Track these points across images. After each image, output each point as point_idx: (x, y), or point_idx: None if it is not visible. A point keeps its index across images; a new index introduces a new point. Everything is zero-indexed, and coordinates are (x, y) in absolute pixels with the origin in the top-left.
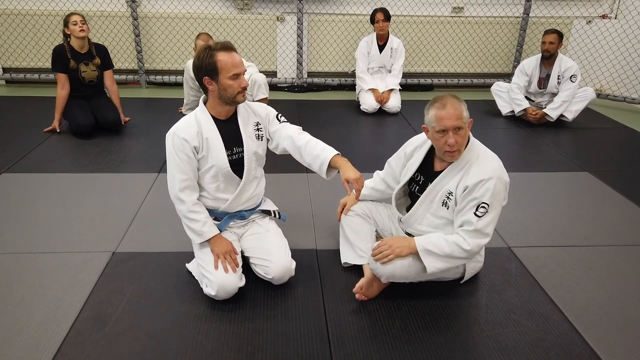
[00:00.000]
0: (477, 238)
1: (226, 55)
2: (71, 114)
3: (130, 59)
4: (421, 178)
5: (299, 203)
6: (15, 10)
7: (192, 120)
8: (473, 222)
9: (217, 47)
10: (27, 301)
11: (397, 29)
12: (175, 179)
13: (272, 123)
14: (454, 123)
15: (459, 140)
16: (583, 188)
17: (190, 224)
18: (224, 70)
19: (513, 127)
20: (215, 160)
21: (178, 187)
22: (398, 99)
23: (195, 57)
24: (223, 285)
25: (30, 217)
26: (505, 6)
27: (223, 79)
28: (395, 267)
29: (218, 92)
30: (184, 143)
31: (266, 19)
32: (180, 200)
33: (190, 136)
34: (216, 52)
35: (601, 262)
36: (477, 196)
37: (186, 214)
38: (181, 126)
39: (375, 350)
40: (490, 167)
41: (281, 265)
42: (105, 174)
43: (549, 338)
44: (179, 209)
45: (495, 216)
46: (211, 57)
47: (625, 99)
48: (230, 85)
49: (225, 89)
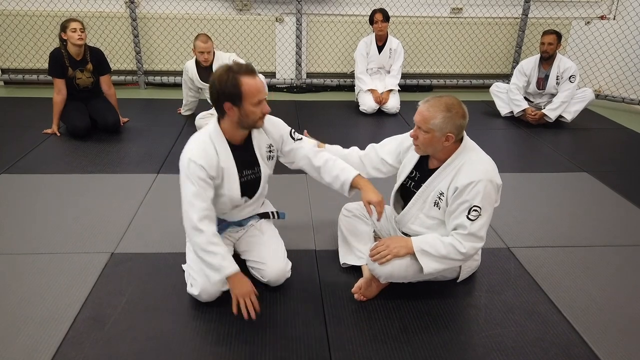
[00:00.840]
0: (471, 242)
1: (251, 80)
2: (67, 116)
3: (129, 60)
4: (417, 175)
5: (298, 204)
6: (14, 11)
7: (209, 146)
8: (467, 226)
9: (241, 70)
10: (25, 302)
11: (396, 29)
12: (194, 207)
13: (286, 142)
14: (418, 121)
15: (420, 137)
16: (582, 188)
17: (207, 258)
18: (249, 96)
19: (512, 128)
20: (229, 191)
21: (197, 217)
22: (397, 100)
23: (215, 80)
24: (206, 289)
25: (29, 218)
26: (504, 7)
27: (246, 105)
28: (393, 267)
29: (238, 117)
30: (202, 170)
31: (265, 20)
32: (199, 231)
33: (208, 165)
34: (240, 77)
35: (600, 263)
36: (467, 199)
37: (204, 246)
38: (197, 153)
39: (374, 351)
40: (481, 169)
41: (276, 268)
42: (104, 175)
43: (548, 338)
44: (196, 241)
45: (487, 219)
46: (235, 82)
47: (624, 99)
48: (253, 111)
49: (248, 115)
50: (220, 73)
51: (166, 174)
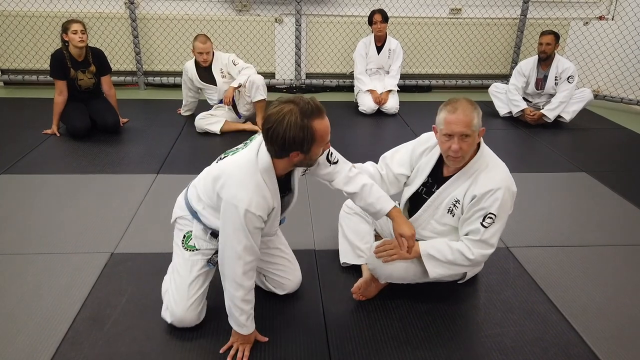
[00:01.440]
0: (481, 248)
1: (322, 124)
2: (67, 117)
3: (129, 61)
4: (429, 180)
5: (297, 203)
6: (14, 12)
7: (265, 189)
8: (479, 232)
9: (313, 114)
10: (25, 302)
11: (395, 30)
12: (241, 260)
13: (322, 166)
14: (461, 129)
15: (463, 147)
16: (580, 188)
17: (236, 313)
18: (320, 141)
19: (511, 128)
20: (269, 229)
21: (242, 270)
22: (396, 100)
23: (283, 125)
24: (182, 319)
25: (29, 218)
26: (502, 8)
27: (315, 149)
28: (393, 268)
29: (301, 161)
30: (260, 221)
31: (264, 21)
32: (240, 286)
33: (266, 213)
34: (313, 122)
35: (599, 262)
36: (485, 206)
37: (238, 302)
38: (255, 200)
39: (373, 350)
40: (499, 176)
41: (298, 280)
42: (104, 175)
43: (547, 338)
44: (232, 293)
45: (500, 227)
46: (310, 129)
47: (623, 99)
48: (317, 154)
49: (312, 158)
50: (292, 119)
51: (166, 174)
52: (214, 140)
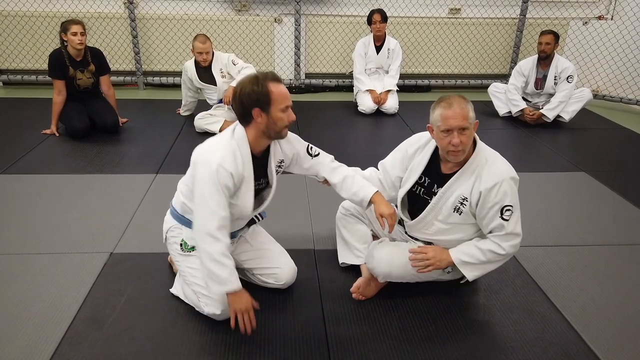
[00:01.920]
0: (510, 241)
1: (278, 87)
2: (66, 117)
3: (128, 61)
4: (426, 180)
5: (296, 203)
6: (13, 12)
7: (237, 152)
8: (503, 227)
9: (267, 77)
10: (24, 302)
11: (394, 30)
12: (215, 215)
13: (303, 159)
14: (459, 123)
15: (463, 140)
16: (580, 188)
17: (216, 269)
18: (277, 101)
19: (510, 128)
20: (243, 203)
21: (216, 225)
22: (395, 100)
23: (242, 86)
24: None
25: (28, 218)
26: (502, 7)
27: (275, 111)
28: (392, 267)
29: (265, 125)
30: (230, 178)
31: (264, 20)
32: (215, 239)
33: (236, 172)
34: (268, 83)
35: (598, 262)
36: (497, 201)
37: (217, 256)
38: (227, 158)
39: (373, 350)
40: (501, 168)
41: (290, 269)
42: (103, 175)
43: (547, 337)
44: (208, 249)
45: (519, 214)
46: (263, 88)
47: (622, 99)
48: (280, 118)
49: (275, 122)
50: (247, 80)
51: (165, 174)
52: None
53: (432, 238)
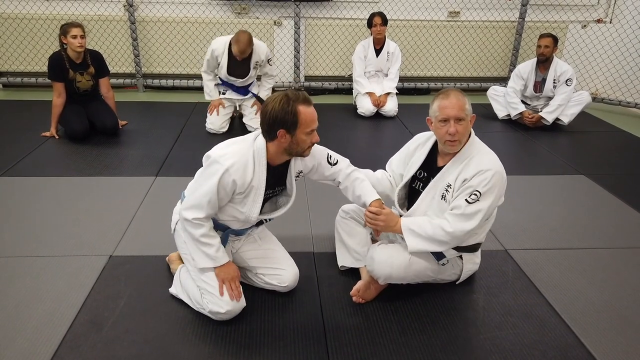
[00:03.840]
0: (461, 222)
1: (307, 109)
2: (66, 119)
3: (128, 63)
4: (424, 174)
5: (296, 206)
6: (13, 14)
7: (250, 162)
8: (461, 207)
9: (299, 99)
10: (23, 305)
11: (394, 33)
12: (203, 209)
13: (324, 169)
14: (456, 113)
15: (459, 129)
16: (579, 191)
17: (203, 248)
18: (304, 125)
19: (509, 131)
20: (249, 211)
21: (201, 215)
22: (395, 103)
23: (272, 106)
24: (233, 306)
25: (27, 220)
26: (501, 11)
27: (300, 134)
28: (393, 268)
29: (289, 145)
30: (232, 186)
31: (263, 23)
32: (200, 225)
33: (241, 182)
34: (298, 105)
35: (597, 265)
36: (472, 184)
37: (200, 237)
38: (237, 167)
39: (372, 353)
40: (489, 159)
41: (293, 271)
42: (103, 178)
43: (546, 340)
44: (192, 231)
45: (485, 207)
46: (293, 110)
47: (621, 102)
48: (304, 140)
49: (298, 144)
50: (278, 100)
51: (164, 177)
52: (213, 143)
53: None
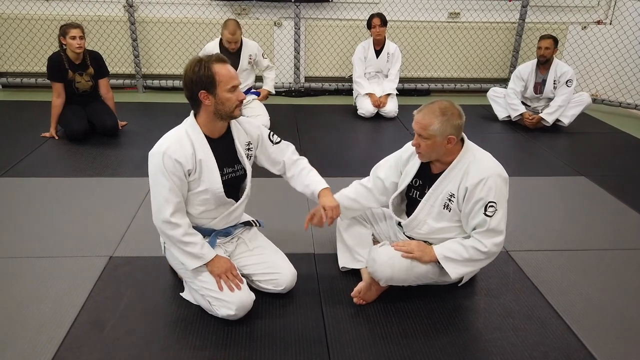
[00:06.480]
0: (491, 238)
1: (223, 68)
2: (65, 120)
3: (128, 64)
4: (419, 183)
5: (296, 207)
6: (12, 15)
7: (184, 138)
8: (486, 223)
9: (212, 59)
10: (23, 306)
11: (394, 34)
12: (168, 202)
13: (265, 144)
14: (417, 129)
15: (422, 144)
16: (580, 192)
17: (187, 248)
18: (222, 82)
19: (510, 132)
20: (209, 184)
21: (170, 211)
22: (395, 104)
23: (187, 71)
24: (242, 303)
25: (27, 221)
26: (501, 12)
27: (221, 92)
28: (394, 270)
29: (214, 106)
30: (176, 165)
31: (263, 24)
32: (174, 225)
33: (184, 158)
34: (212, 64)
35: (599, 266)
36: (481, 196)
37: (181, 237)
38: (172, 146)
39: (373, 354)
40: (488, 166)
41: (290, 274)
42: (102, 178)
43: (547, 342)
44: (171, 234)
45: (504, 213)
46: (208, 70)
47: (621, 104)
48: (228, 98)
49: (223, 103)
50: (191, 64)
51: None
52: None
53: (425, 237)
